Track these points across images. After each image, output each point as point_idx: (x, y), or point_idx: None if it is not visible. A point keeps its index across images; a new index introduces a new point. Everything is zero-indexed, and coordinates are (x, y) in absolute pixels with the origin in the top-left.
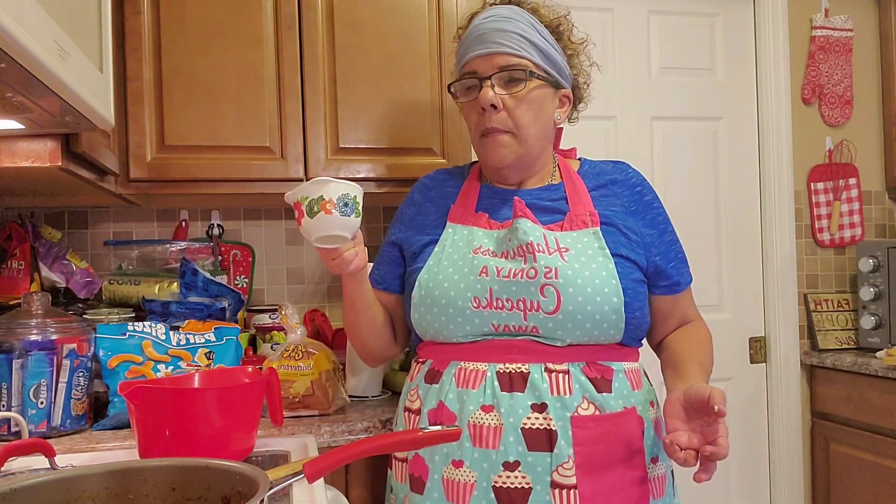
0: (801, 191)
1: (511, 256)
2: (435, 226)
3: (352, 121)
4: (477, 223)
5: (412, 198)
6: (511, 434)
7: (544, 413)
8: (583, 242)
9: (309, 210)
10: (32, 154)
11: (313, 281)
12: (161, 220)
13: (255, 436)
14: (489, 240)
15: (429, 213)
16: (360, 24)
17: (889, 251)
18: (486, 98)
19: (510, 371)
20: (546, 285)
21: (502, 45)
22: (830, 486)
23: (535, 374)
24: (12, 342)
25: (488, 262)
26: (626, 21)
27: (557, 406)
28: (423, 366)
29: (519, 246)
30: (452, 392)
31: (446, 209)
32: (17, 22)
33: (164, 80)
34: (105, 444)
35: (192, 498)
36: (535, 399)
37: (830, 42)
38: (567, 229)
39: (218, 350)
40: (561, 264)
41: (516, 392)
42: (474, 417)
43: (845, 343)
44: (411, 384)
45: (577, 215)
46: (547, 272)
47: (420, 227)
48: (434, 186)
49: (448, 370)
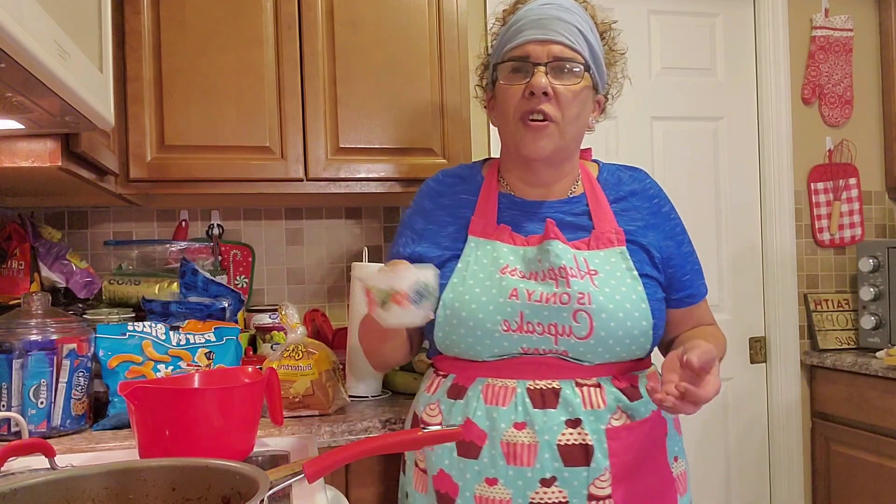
0: (801, 191)
1: (541, 279)
2: (453, 238)
3: (352, 121)
4: (500, 237)
5: (421, 206)
6: (546, 451)
7: (578, 428)
8: (611, 263)
9: (380, 301)
10: (32, 154)
11: (313, 281)
12: (161, 220)
13: (255, 436)
14: (515, 257)
15: (444, 224)
16: (360, 24)
17: (889, 251)
18: (540, 84)
19: (541, 388)
20: (579, 311)
21: (561, 34)
22: (831, 487)
23: (567, 389)
24: (12, 342)
25: (518, 285)
26: (626, 21)
27: (591, 420)
28: (444, 380)
29: (550, 268)
30: (481, 409)
31: (464, 219)
32: (17, 22)
33: (164, 80)
34: (105, 444)
35: (192, 498)
36: (569, 415)
37: (830, 42)
38: (594, 248)
39: (218, 350)
40: (593, 290)
41: (549, 408)
42: (507, 435)
43: (845, 343)
44: (430, 397)
45: (603, 233)
46: (580, 298)
47: (436, 239)
48: (445, 193)
49: (474, 386)
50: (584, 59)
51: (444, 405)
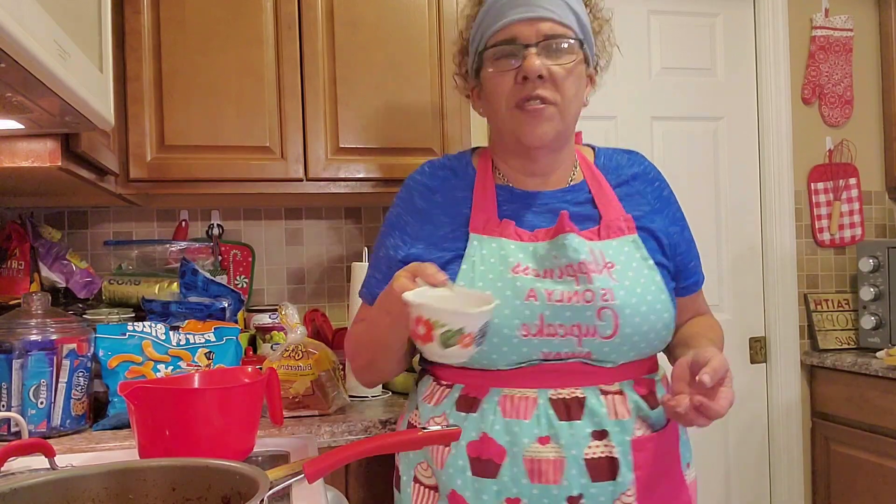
0: (801, 191)
1: (558, 276)
2: (453, 238)
3: (352, 121)
4: (504, 233)
5: (412, 204)
6: (574, 466)
7: (605, 440)
8: (625, 254)
9: (443, 340)
10: (32, 154)
11: (313, 281)
12: (161, 220)
13: (255, 436)
14: (525, 254)
15: (440, 224)
16: (360, 24)
17: (889, 251)
18: (534, 67)
19: (564, 397)
20: (603, 308)
21: (548, 9)
22: (831, 487)
23: (592, 398)
24: (12, 342)
25: (535, 285)
26: (626, 21)
27: (617, 430)
28: (449, 390)
29: (568, 265)
30: (499, 423)
31: (461, 216)
32: (17, 22)
33: (164, 80)
34: (105, 444)
35: (192, 498)
36: (595, 426)
37: (830, 42)
38: (605, 238)
39: (218, 350)
40: (614, 284)
41: (574, 420)
42: (531, 451)
43: (845, 343)
44: (434, 408)
45: (612, 221)
46: (603, 294)
47: (433, 239)
48: (438, 188)
49: (489, 398)
50: (575, 34)
51: (454, 419)
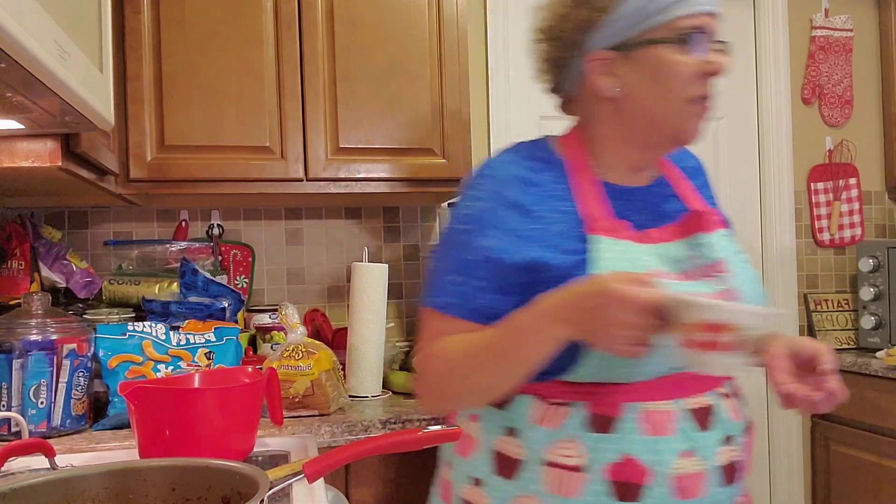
0: (801, 191)
1: (695, 278)
2: (569, 237)
3: (352, 121)
4: (626, 235)
5: (511, 198)
6: (713, 477)
7: (731, 445)
8: (725, 248)
9: (738, 345)
10: (32, 154)
11: (313, 281)
12: (161, 220)
13: (255, 436)
14: (653, 257)
15: (551, 221)
16: (360, 24)
17: (889, 251)
18: (725, 65)
19: (696, 406)
20: None
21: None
22: (831, 487)
23: (718, 404)
24: (12, 342)
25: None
26: None
27: (737, 434)
28: (569, 409)
29: (708, 265)
30: (641, 441)
31: (568, 214)
32: (17, 22)
33: (164, 80)
34: (105, 444)
35: (192, 498)
36: (724, 431)
37: (830, 42)
38: (709, 232)
39: (218, 350)
40: (738, 281)
41: (708, 429)
42: (675, 467)
43: (845, 343)
44: (555, 432)
45: (706, 215)
46: (739, 293)
47: (548, 240)
48: (536, 181)
49: (627, 415)
50: None
51: (589, 440)
